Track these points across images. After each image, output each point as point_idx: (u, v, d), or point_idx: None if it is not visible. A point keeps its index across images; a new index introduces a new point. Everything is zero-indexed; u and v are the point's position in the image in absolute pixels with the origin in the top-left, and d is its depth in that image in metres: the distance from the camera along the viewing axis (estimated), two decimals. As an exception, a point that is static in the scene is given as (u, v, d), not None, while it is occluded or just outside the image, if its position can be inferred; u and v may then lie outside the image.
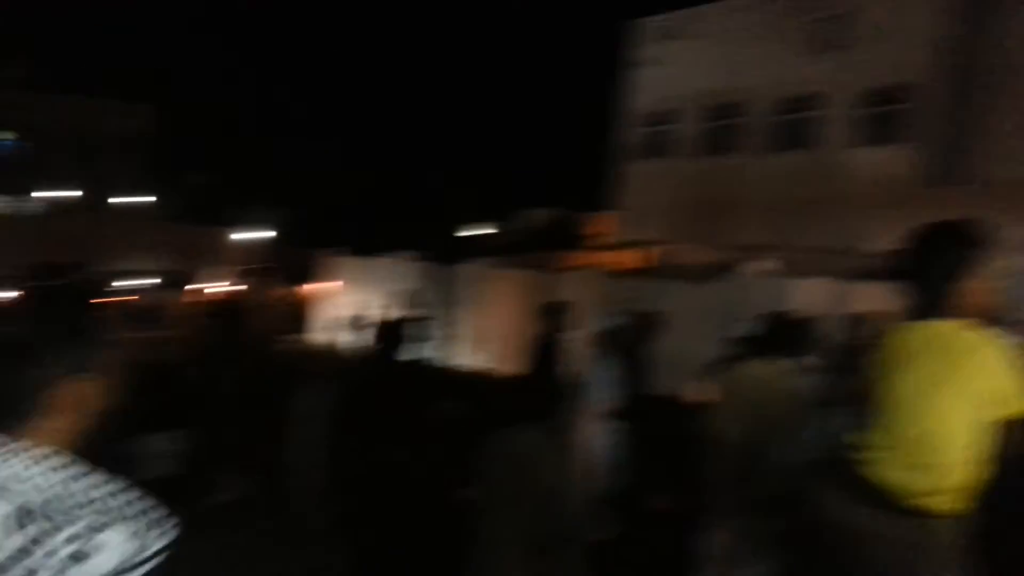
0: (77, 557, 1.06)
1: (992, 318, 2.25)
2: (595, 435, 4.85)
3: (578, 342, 6.27)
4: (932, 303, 2.20)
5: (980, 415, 2.06)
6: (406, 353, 5.95)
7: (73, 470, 1.17)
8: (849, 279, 10.40)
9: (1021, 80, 16.09)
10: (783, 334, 4.24)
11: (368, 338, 7.88)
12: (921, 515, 2.08)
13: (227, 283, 13.92)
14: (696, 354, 6.89)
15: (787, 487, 3.70)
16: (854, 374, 2.77)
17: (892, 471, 2.12)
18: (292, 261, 15.21)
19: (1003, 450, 2.05)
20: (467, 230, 20.78)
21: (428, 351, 10.43)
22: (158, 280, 15.91)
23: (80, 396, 1.24)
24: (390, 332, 7.41)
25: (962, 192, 15.63)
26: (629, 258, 18.11)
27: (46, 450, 1.17)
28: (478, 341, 13.45)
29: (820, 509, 2.22)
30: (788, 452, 3.78)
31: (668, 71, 20.96)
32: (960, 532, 2.09)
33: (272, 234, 19.15)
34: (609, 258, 18.16)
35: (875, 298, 9.35)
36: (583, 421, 4.66)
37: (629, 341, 5.51)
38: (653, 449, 5.20)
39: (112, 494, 1.16)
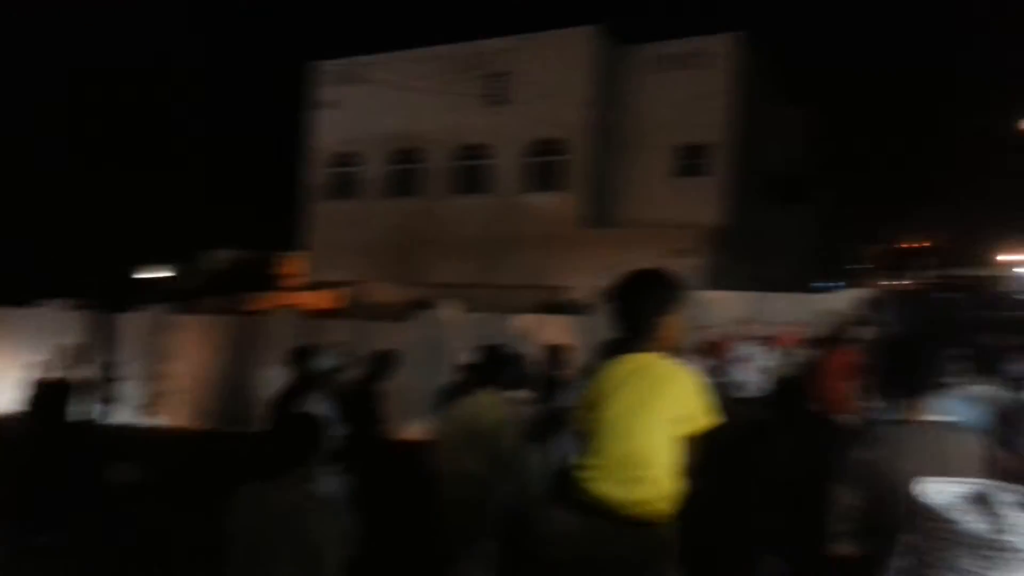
0: None
1: (682, 349, 2.70)
2: (322, 482, 4.74)
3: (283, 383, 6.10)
4: (636, 338, 2.54)
5: (676, 431, 2.41)
6: (72, 415, 5.30)
7: None
8: (536, 312, 11.30)
9: (647, 136, 19.00)
10: (497, 367, 4.42)
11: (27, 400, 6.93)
12: (637, 523, 2.38)
13: None
14: (403, 391, 7.07)
15: (514, 511, 3.98)
16: (566, 402, 3.11)
17: (609, 486, 2.39)
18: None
19: (693, 459, 2.44)
20: (139, 272, 19.01)
21: (98, 411, 9.37)
22: None
23: None
24: (49, 394, 6.57)
25: (613, 233, 17.95)
26: (321, 299, 17.94)
27: None
28: (159, 395, 12.36)
29: (549, 526, 2.49)
30: (510, 478, 3.99)
31: (350, 114, 21.34)
32: (670, 534, 2.42)
33: None
34: (301, 299, 17.83)
35: (562, 330, 10.39)
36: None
37: (354, 382, 5.46)
38: (375, 491, 5.21)
39: None
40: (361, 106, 21.16)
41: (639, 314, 2.55)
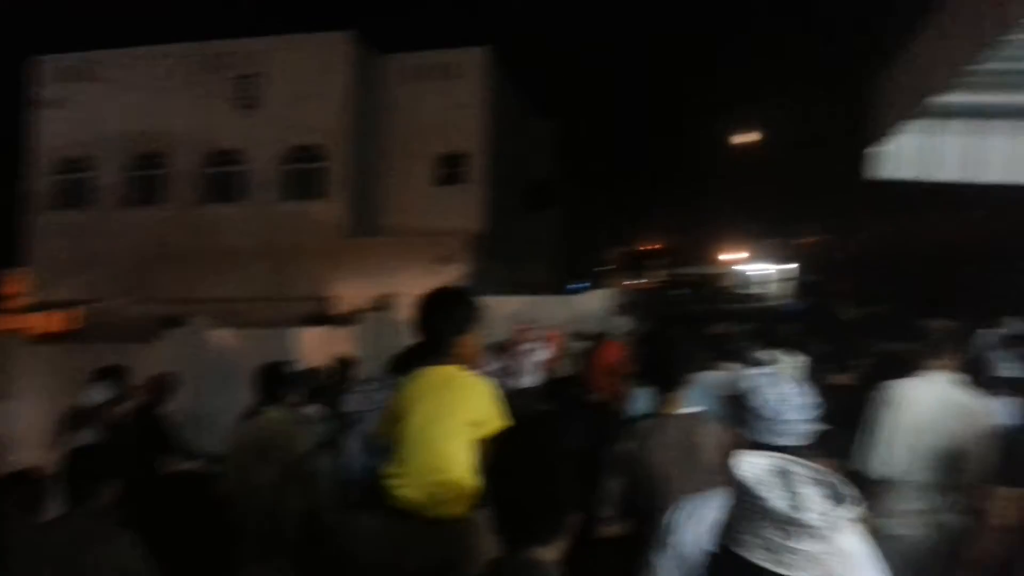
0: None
1: (477, 362, 2.91)
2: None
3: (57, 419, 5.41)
4: (436, 352, 2.74)
5: (473, 436, 2.60)
6: None
7: None
8: (304, 325, 10.95)
9: (408, 144, 19.16)
10: (281, 384, 4.36)
11: None
12: (441, 522, 2.56)
13: None
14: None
15: (309, 520, 3.89)
16: (354, 411, 3.15)
17: (414, 491, 2.58)
18: None
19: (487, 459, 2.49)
20: None
21: None
22: None
23: None
24: None
25: (379, 242, 17.85)
26: (50, 321, 16.00)
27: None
28: None
29: (356, 531, 2.53)
30: (303, 491, 3.95)
31: (79, 114, 19.27)
32: (472, 529, 2.56)
33: None
34: (24, 322, 15.76)
35: (329, 341, 10.12)
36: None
37: (133, 411, 5.01)
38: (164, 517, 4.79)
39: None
40: (92, 106, 19.19)
41: (439, 332, 2.76)
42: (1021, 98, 5.48)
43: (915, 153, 6.16)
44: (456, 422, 2.62)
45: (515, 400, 2.94)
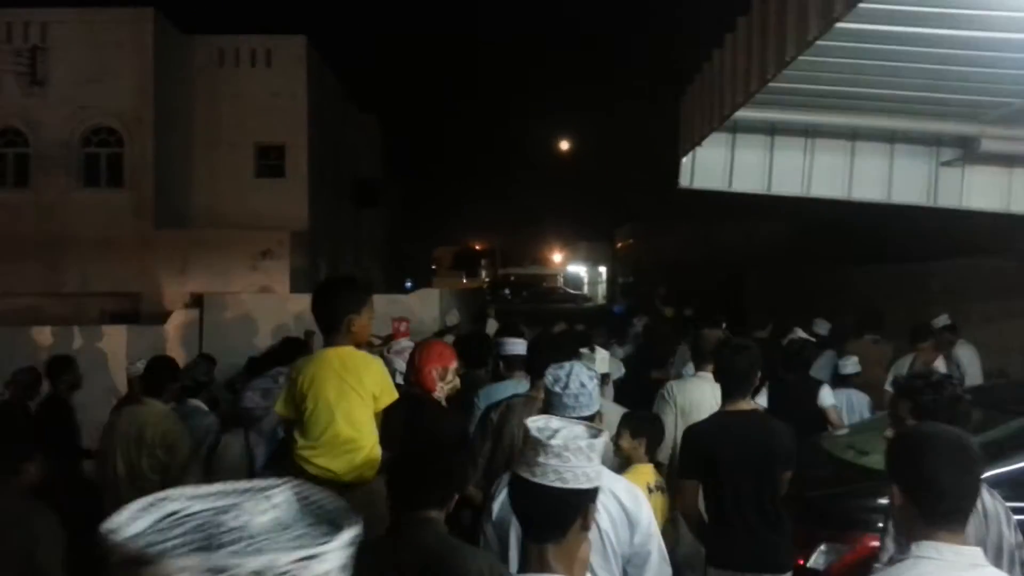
0: None
1: (368, 342, 3.42)
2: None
3: None
4: (333, 333, 3.05)
5: (374, 408, 2.98)
6: None
7: None
8: (107, 322, 10.10)
9: (225, 133, 18.16)
10: (161, 377, 4.52)
11: None
12: (354, 487, 2.84)
13: None
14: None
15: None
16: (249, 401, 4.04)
17: (327, 460, 2.89)
18: None
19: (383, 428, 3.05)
20: None
21: None
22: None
23: None
24: None
25: (191, 234, 16.77)
26: None
27: None
28: None
29: None
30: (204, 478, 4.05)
31: None
32: (380, 488, 2.72)
33: None
34: None
35: (132, 340, 9.37)
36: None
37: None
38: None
39: None
40: None
41: (335, 312, 3.05)
42: (811, 117, 6.00)
43: (717, 165, 6.61)
44: (360, 396, 2.94)
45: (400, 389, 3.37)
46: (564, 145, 32.61)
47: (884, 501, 3.95)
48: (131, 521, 0.77)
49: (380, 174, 27.39)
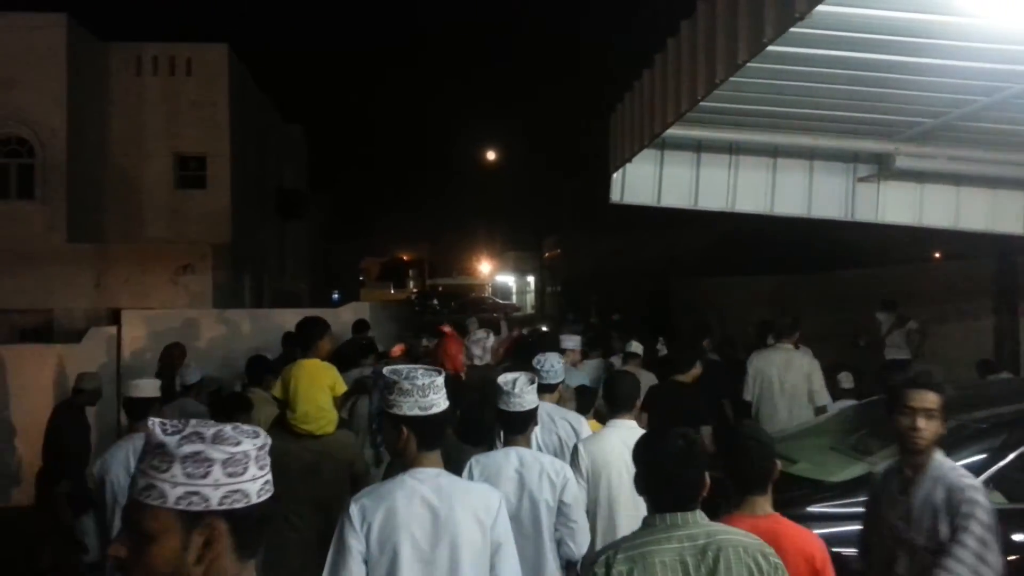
0: None
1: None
2: None
3: None
4: (308, 351, 4.70)
5: (331, 393, 4.51)
6: None
7: None
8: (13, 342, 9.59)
9: (144, 143, 17.58)
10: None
11: None
12: (322, 436, 4.37)
13: None
14: None
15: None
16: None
17: (309, 424, 4.34)
18: None
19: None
20: None
21: None
22: None
23: None
24: None
25: (108, 249, 16.13)
26: None
27: None
28: None
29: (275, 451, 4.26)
30: None
31: None
32: (346, 439, 4.61)
33: None
34: None
35: (44, 359, 8.92)
36: None
37: None
38: None
39: None
40: None
41: (310, 337, 4.75)
42: (736, 135, 6.18)
43: (646, 181, 6.72)
44: (323, 385, 4.48)
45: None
46: (492, 156, 32.71)
47: (813, 509, 4.13)
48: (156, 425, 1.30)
49: (305, 185, 26.92)
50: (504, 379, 3.50)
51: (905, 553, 2.78)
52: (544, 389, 4.20)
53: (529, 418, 3.45)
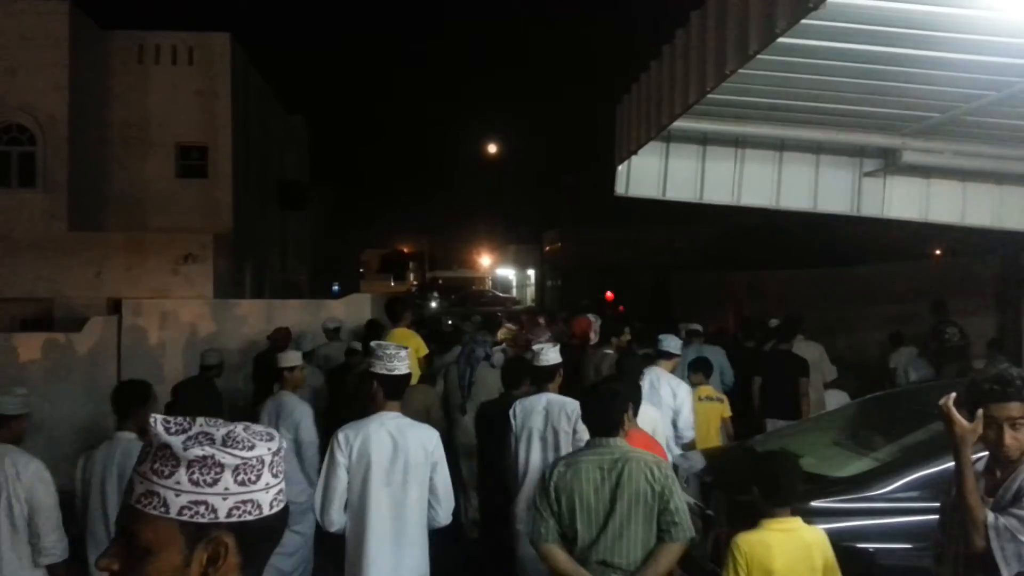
0: None
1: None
2: None
3: None
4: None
5: (416, 353, 5.42)
6: None
7: None
8: (13, 330, 9.56)
9: (147, 132, 17.51)
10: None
11: None
12: None
13: None
14: None
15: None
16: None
17: None
18: None
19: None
20: None
21: None
22: None
23: None
24: None
25: (110, 237, 16.09)
26: None
27: None
28: None
29: None
30: None
31: None
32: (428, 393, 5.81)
33: None
34: None
35: (46, 349, 8.91)
36: None
37: None
38: None
39: None
40: None
41: (397, 313, 6.25)
42: (742, 128, 6.14)
43: (652, 174, 6.70)
44: (407, 347, 4.37)
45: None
46: (493, 148, 32.64)
47: (818, 504, 4.11)
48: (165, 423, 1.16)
49: (307, 176, 26.85)
50: (537, 346, 4.96)
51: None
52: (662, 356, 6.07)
53: (554, 371, 4.70)
